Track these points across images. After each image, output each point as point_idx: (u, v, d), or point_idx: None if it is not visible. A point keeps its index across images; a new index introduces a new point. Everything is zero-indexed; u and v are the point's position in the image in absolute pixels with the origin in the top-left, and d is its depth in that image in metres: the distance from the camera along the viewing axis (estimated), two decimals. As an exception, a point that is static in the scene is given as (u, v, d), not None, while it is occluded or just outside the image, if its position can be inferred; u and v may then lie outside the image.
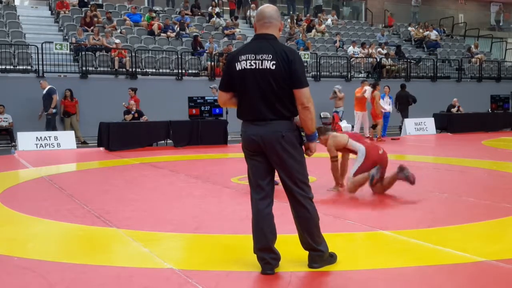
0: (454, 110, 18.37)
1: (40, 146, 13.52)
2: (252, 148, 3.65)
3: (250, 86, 3.58)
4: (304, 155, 3.74)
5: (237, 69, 3.61)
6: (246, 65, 3.58)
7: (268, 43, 3.60)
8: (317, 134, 3.75)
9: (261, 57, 3.55)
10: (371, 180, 6.53)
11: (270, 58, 3.53)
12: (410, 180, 6.49)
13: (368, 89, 15.32)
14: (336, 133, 7.04)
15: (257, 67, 3.55)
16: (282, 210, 4.74)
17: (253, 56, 3.57)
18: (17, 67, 16.06)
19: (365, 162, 6.56)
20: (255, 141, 3.60)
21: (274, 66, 3.52)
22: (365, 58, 21.50)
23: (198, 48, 18.74)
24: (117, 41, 17.64)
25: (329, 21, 25.19)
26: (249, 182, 3.79)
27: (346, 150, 6.93)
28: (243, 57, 3.60)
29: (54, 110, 14.41)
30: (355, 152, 6.75)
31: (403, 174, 6.52)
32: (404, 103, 17.72)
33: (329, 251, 3.82)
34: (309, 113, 3.56)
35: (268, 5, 3.84)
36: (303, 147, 3.71)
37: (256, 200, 3.69)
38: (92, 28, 18.11)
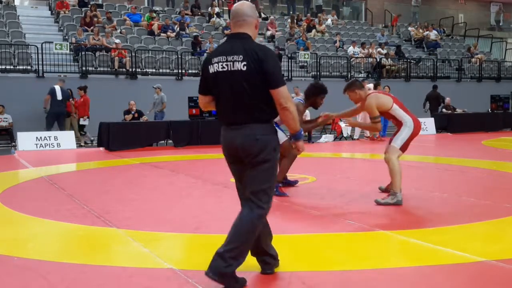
0: (444, 109, 18.26)
1: (40, 146, 13.52)
2: (229, 153, 3.51)
3: (223, 89, 3.41)
4: (296, 153, 3.57)
5: (210, 72, 3.43)
6: (218, 67, 3.38)
7: (240, 43, 3.35)
8: (302, 132, 3.54)
9: (232, 58, 3.32)
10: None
11: (241, 59, 3.29)
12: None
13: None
14: (379, 94, 6.11)
15: (228, 69, 3.33)
16: (281, 210, 4.74)
17: (224, 58, 3.35)
18: (17, 67, 16.07)
19: (411, 136, 5.94)
20: (232, 145, 3.46)
21: (245, 67, 3.28)
22: (365, 58, 21.51)
23: (198, 49, 18.75)
24: (117, 41, 17.64)
25: (329, 21, 25.20)
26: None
27: (387, 115, 6.05)
28: (215, 59, 3.40)
29: (44, 109, 14.46)
30: (398, 121, 5.99)
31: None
32: (435, 103, 18.27)
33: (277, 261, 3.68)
34: (289, 113, 3.33)
35: (243, 2, 3.53)
36: (278, 152, 3.49)
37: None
38: (92, 28, 18.13)
